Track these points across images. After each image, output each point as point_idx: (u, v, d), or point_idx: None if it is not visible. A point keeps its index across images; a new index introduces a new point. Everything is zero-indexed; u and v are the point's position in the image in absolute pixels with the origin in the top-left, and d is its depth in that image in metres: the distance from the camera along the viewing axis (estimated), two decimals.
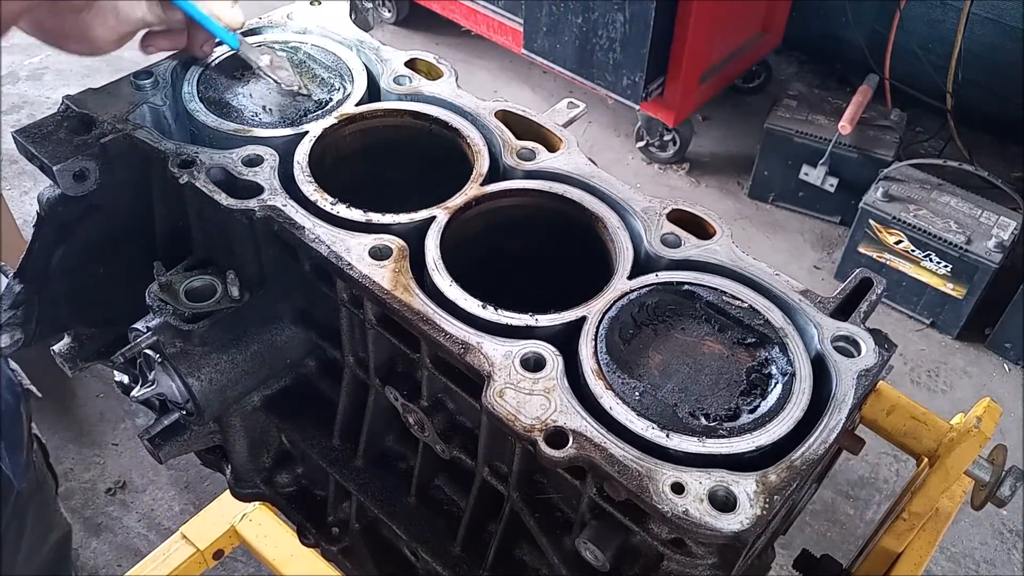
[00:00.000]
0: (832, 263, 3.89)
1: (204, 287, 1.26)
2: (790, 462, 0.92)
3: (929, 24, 4.20)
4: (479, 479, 1.19)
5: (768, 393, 1.00)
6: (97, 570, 2.83)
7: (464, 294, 1.06)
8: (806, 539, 2.87)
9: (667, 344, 1.05)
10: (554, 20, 3.74)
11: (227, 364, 1.29)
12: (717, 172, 4.33)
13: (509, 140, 1.27)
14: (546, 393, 0.96)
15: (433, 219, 1.15)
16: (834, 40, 4.58)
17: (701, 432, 0.95)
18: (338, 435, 1.41)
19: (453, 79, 1.36)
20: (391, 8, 5.05)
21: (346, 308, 1.18)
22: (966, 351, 3.60)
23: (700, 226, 1.17)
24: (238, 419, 1.45)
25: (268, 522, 2.30)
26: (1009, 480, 1.31)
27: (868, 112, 3.84)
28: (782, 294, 1.09)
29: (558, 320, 1.04)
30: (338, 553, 1.57)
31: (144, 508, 2.98)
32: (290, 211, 1.14)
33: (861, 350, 1.03)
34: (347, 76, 1.37)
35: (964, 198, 3.52)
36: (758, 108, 4.35)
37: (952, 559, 2.94)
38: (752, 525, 0.86)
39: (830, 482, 2.96)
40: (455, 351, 1.01)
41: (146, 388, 1.28)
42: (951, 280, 3.48)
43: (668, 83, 3.82)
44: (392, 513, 1.37)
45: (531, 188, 1.21)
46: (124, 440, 3.15)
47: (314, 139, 1.24)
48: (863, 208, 3.54)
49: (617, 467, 0.90)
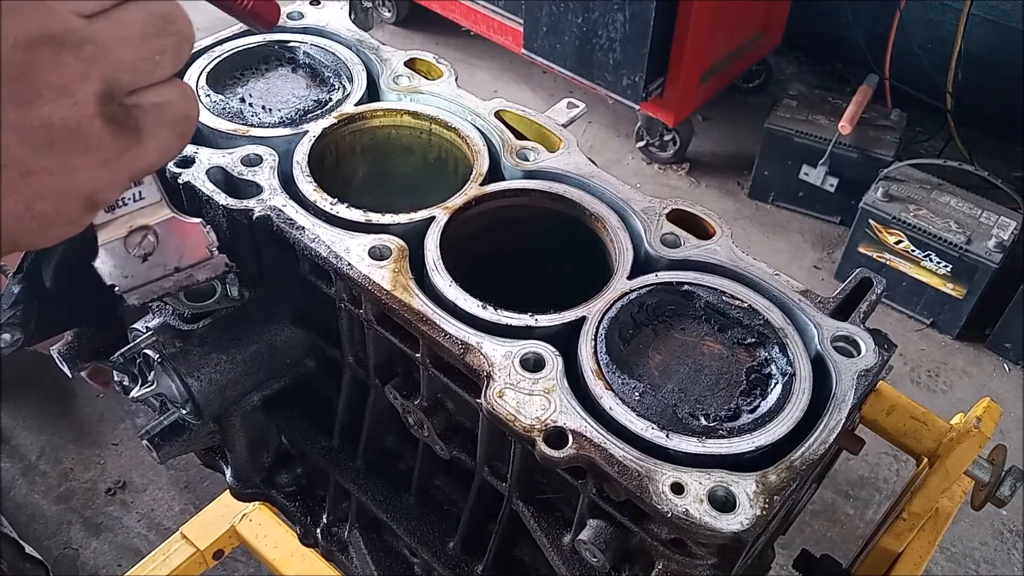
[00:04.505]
0: (832, 263, 3.89)
1: (204, 287, 1.26)
2: (790, 462, 0.92)
3: (929, 24, 4.20)
4: (479, 479, 1.19)
5: (768, 393, 0.99)
6: (97, 570, 2.83)
7: (464, 294, 1.06)
8: (806, 539, 2.87)
9: (667, 344, 1.05)
10: (554, 20, 3.74)
11: (227, 364, 1.29)
12: (717, 172, 4.33)
13: (509, 140, 1.27)
14: (546, 393, 0.96)
15: (433, 219, 1.15)
16: (834, 40, 4.58)
17: (701, 432, 0.94)
18: (338, 435, 1.41)
19: (453, 79, 1.36)
20: (391, 8, 5.05)
21: (346, 308, 1.18)
22: (966, 351, 3.60)
23: (700, 226, 1.17)
24: (238, 419, 1.44)
25: (268, 522, 2.30)
26: (1009, 480, 1.31)
27: (868, 112, 3.84)
28: (782, 294, 1.09)
29: (558, 320, 1.04)
30: (338, 553, 1.57)
31: (144, 508, 2.98)
32: (290, 211, 1.14)
33: (861, 350, 1.03)
34: (346, 76, 1.37)
35: (964, 198, 3.52)
36: (758, 108, 4.35)
37: (952, 559, 2.94)
38: (752, 525, 0.86)
39: (830, 482, 2.96)
40: (455, 351, 1.01)
41: (146, 388, 1.28)
42: (951, 280, 3.48)
43: (668, 83, 3.82)
44: (392, 513, 1.37)
45: (531, 188, 1.21)
46: (124, 440, 3.15)
47: (314, 139, 1.24)
48: (863, 208, 3.54)
49: (617, 467, 0.90)
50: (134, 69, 0.62)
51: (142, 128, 0.64)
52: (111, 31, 0.60)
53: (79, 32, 0.58)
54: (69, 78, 0.58)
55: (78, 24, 0.59)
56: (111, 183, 0.64)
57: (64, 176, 0.60)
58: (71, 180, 0.61)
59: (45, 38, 0.57)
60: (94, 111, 0.60)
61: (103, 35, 0.60)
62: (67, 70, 0.58)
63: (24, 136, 0.58)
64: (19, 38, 0.56)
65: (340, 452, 1.41)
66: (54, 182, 0.60)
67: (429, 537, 1.34)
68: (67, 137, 0.59)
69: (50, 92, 0.58)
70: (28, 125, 0.57)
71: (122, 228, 0.92)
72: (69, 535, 2.92)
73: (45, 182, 0.60)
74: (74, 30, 0.58)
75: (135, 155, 0.64)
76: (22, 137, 0.58)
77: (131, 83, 0.62)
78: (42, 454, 3.12)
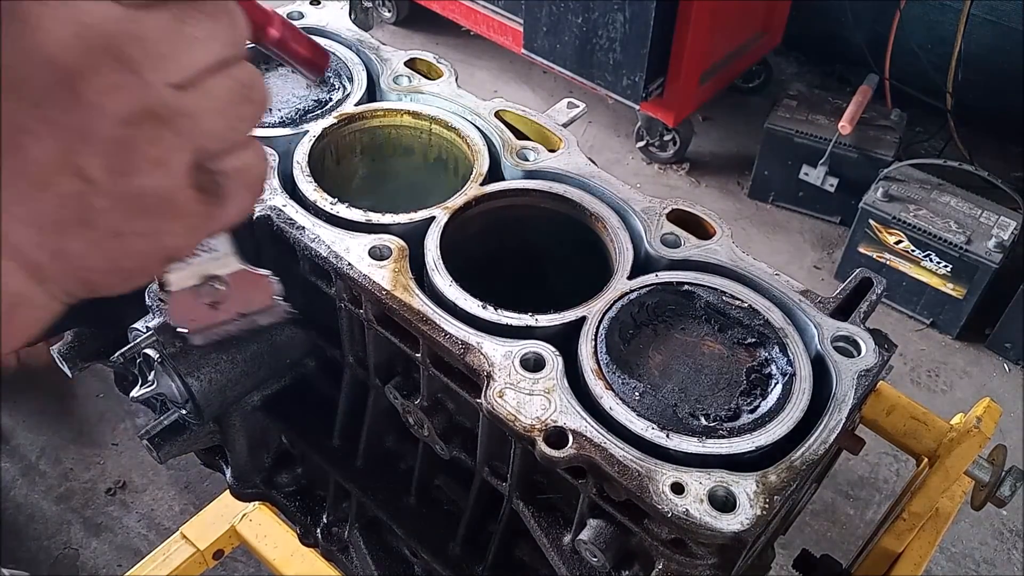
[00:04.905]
0: (832, 263, 3.89)
1: None
2: (790, 462, 0.92)
3: (929, 24, 4.20)
4: (479, 479, 1.19)
5: (768, 393, 0.99)
6: (97, 570, 2.83)
7: (464, 294, 1.06)
8: (806, 539, 2.87)
9: (667, 344, 1.05)
10: (554, 20, 3.74)
11: (227, 364, 1.29)
12: (717, 172, 4.33)
13: (509, 140, 1.27)
14: (546, 393, 0.96)
15: (433, 219, 1.15)
16: (834, 40, 4.58)
17: (701, 432, 0.94)
18: (338, 435, 1.41)
19: (453, 79, 1.36)
20: (391, 8, 5.05)
21: (346, 308, 1.18)
22: (966, 351, 3.60)
23: (700, 226, 1.17)
24: (238, 419, 1.44)
25: (268, 522, 2.30)
26: (1009, 480, 1.30)
27: (868, 112, 3.84)
28: (782, 294, 1.09)
29: (558, 320, 1.04)
30: (338, 553, 1.57)
31: (144, 508, 2.98)
32: (290, 211, 1.14)
33: (861, 350, 1.03)
34: (346, 76, 1.37)
35: (964, 198, 3.51)
36: (758, 108, 4.35)
37: (952, 559, 2.94)
38: (752, 525, 0.86)
39: (830, 482, 2.96)
40: (455, 351, 1.01)
41: (146, 388, 1.28)
42: (951, 280, 3.47)
43: (668, 83, 3.82)
44: (392, 513, 1.37)
45: (531, 188, 1.21)
46: (124, 440, 3.15)
47: (314, 139, 1.24)
48: (863, 208, 3.54)
49: (617, 467, 0.90)
50: (221, 138, 0.65)
51: (225, 193, 0.66)
52: (201, 102, 0.62)
53: (173, 105, 0.61)
54: (165, 151, 0.61)
55: (172, 97, 0.61)
56: (193, 244, 0.68)
57: (152, 239, 0.63)
58: (158, 243, 0.64)
59: (145, 113, 0.59)
60: (185, 181, 0.62)
61: (194, 107, 0.62)
62: (164, 143, 0.60)
63: (118, 202, 0.60)
64: (121, 114, 0.58)
65: (340, 452, 1.41)
66: (142, 243, 0.63)
67: (429, 537, 1.34)
68: (159, 205, 0.62)
69: (147, 165, 0.60)
70: (123, 192, 0.60)
71: (194, 278, 0.97)
72: (69, 535, 2.92)
73: (134, 243, 0.63)
74: (169, 104, 0.60)
75: (217, 217, 0.67)
76: (116, 203, 0.60)
77: (217, 151, 0.65)
78: (42, 454, 3.12)
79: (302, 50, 1.03)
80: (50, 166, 0.58)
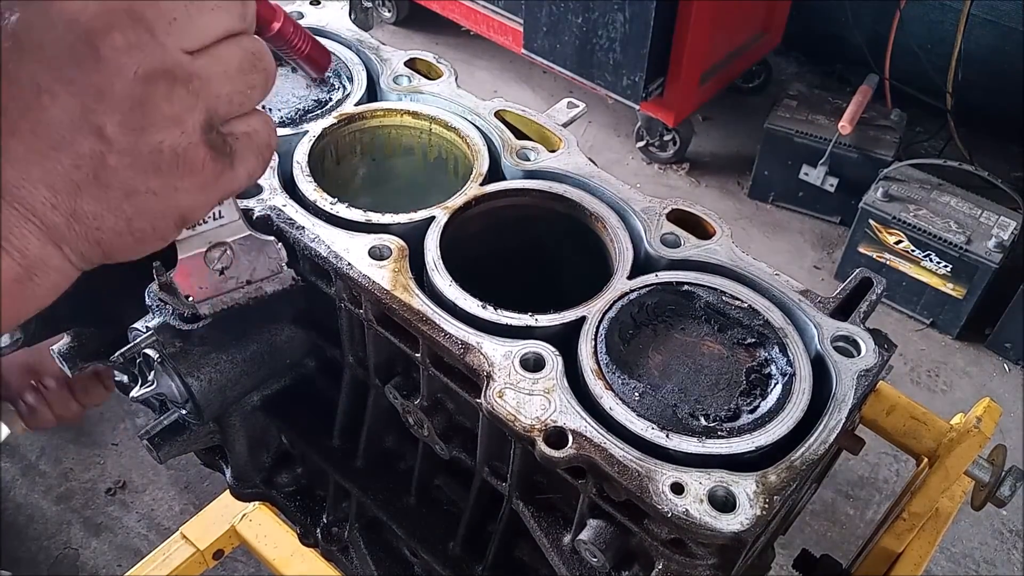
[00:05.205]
0: (832, 263, 3.89)
1: None
2: (790, 462, 0.92)
3: (929, 24, 4.20)
4: (479, 479, 1.19)
5: (768, 393, 0.99)
6: (97, 570, 2.83)
7: (464, 294, 1.06)
8: (806, 539, 2.87)
9: (667, 344, 1.05)
10: (554, 20, 3.74)
11: (227, 364, 1.28)
12: (717, 172, 4.33)
13: (509, 140, 1.27)
14: (546, 393, 0.96)
15: (433, 219, 1.15)
16: (834, 40, 4.58)
17: (701, 432, 0.94)
18: (338, 435, 1.41)
19: (453, 79, 1.36)
20: (391, 8, 5.06)
21: (346, 308, 1.18)
22: (966, 351, 3.60)
23: (700, 226, 1.17)
24: (238, 419, 1.44)
25: (268, 522, 2.30)
26: (1009, 480, 1.30)
27: (868, 112, 3.84)
28: (782, 294, 1.09)
29: (558, 320, 1.04)
30: (338, 553, 1.57)
31: (144, 508, 2.99)
32: (290, 211, 1.14)
33: (861, 350, 1.03)
34: (346, 76, 1.37)
35: (964, 198, 3.52)
36: (758, 108, 4.36)
37: (952, 559, 2.94)
38: (752, 525, 0.86)
39: (830, 482, 2.97)
40: (455, 351, 1.01)
41: (146, 388, 1.28)
42: (951, 280, 3.48)
43: (668, 83, 3.82)
44: (392, 513, 1.36)
45: (531, 188, 1.21)
46: (124, 440, 3.15)
47: (314, 138, 1.24)
48: (863, 208, 3.55)
49: (617, 467, 0.90)
50: (231, 101, 0.68)
51: (235, 154, 0.70)
52: (213, 66, 0.66)
53: (187, 67, 0.64)
54: (180, 108, 0.64)
55: (186, 60, 0.64)
56: (204, 204, 0.71)
57: (165, 197, 0.66)
58: (171, 201, 0.67)
59: (161, 72, 0.63)
60: (199, 139, 0.66)
61: (206, 70, 0.66)
62: (178, 101, 0.64)
63: (134, 160, 0.63)
64: (138, 71, 0.61)
65: (340, 452, 1.41)
66: (155, 202, 0.66)
67: (429, 537, 1.34)
68: (173, 162, 0.65)
69: (162, 121, 0.63)
70: (139, 150, 0.63)
71: (203, 244, 0.99)
72: (69, 535, 2.92)
73: (148, 202, 0.65)
74: (183, 65, 0.64)
75: (228, 179, 0.70)
76: (132, 161, 0.63)
77: (227, 113, 0.69)
78: (42, 454, 3.12)
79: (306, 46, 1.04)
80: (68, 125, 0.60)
